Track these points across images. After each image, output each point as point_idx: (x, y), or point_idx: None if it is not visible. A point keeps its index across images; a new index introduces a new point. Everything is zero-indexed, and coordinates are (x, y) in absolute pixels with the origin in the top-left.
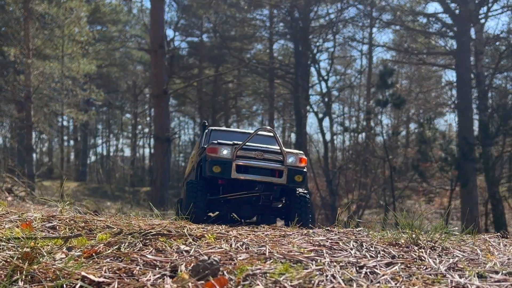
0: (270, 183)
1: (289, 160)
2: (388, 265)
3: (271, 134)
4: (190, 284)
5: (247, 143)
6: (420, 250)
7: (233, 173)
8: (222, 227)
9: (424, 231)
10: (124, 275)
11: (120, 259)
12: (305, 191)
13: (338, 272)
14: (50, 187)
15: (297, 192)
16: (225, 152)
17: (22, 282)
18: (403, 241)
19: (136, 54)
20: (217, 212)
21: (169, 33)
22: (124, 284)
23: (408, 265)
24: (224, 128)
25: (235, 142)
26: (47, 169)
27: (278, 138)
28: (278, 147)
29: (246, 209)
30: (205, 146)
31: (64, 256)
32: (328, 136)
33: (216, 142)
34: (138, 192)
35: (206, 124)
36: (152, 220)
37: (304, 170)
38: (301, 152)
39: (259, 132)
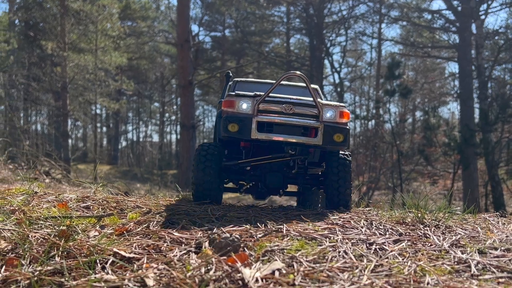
0: (302, 144)
1: (327, 114)
2: (395, 242)
3: (302, 82)
4: (213, 259)
5: (272, 95)
6: (425, 228)
7: (254, 133)
8: (243, 206)
9: (429, 210)
10: (153, 251)
11: (148, 237)
12: (347, 154)
13: (350, 248)
14: (84, 170)
15: (338, 155)
16: (244, 106)
17: (59, 258)
18: (409, 220)
19: (164, 47)
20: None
21: (194, 28)
22: (152, 259)
23: (414, 242)
24: (252, 79)
25: (257, 93)
26: (82, 154)
27: (311, 87)
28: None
29: (273, 178)
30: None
31: (97, 233)
32: None
33: (233, 93)
34: (165, 175)
35: (231, 75)
36: (177, 200)
37: (347, 127)
38: (343, 104)
39: (288, 82)
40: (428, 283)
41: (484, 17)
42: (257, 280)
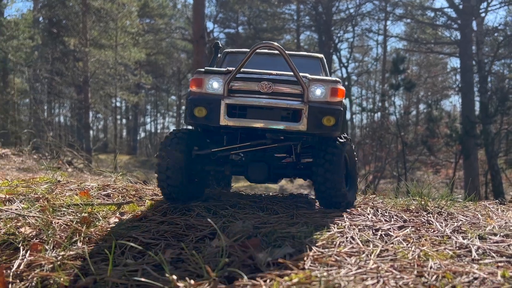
0: (283, 131)
1: (316, 92)
2: (400, 228)
3: (277, 51)
4: (227, 245)
5: (249, 70)
6: (428, 215)
7: (222, 118)
8: (255, 194)
9: (432, 198)
10: (169, 237)
11: (166, 223)
12: (345, 140)
13: (357, 234)
14: (105, 160)
15: (329, 141)
16: (216, 85)
17: (81, 243)
18: (413, 207)
19: (180, 43)
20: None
21: (209, 25)
22: (169, 244)
23: (418, 228)
24: (246, 49)
25: (230, 68)
26: (102, 144)
27: (289, 59)
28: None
29: (256, 170)
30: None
31: (117, 220)
32: (348, 115)
33: (203, 70)
34: None
35: (220, 45)
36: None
37: (339, 107)
38: (337, 79)
39: (262, 50)
40: (431, 267)
41: (484, 15)
42: (269, 264)
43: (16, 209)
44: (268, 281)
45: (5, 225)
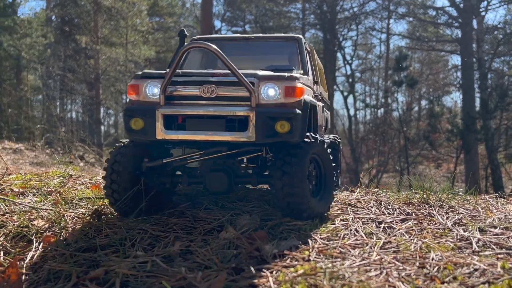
0: (227, 143)
1: (268, 93)
2: (403, 220)
3: (206, 50)
4: (234, 237)
5: (188, 71)
6: (430, 208)
7: (159, 131)
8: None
9: (433, 192)
10: (178, 229)
11: (175, 216)
12: (334, 138)
13: (361, 227)
14: None
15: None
16: (155, 91)
17: (92, 235)
18: (415, 200)
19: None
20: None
21: (217, 24)
22: (178, 237)
23: (420, 221)
24: (219, 35)
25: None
26: (113, 139)
27: (225, 57)
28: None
29: (214, 180)
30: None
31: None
32: (352, 111)
33: (140, 73)
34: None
35: (186, 34)
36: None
37: (295, 110)
38: (293, 75)
39: (236, 35)
40: (432, 259)
41: (484, 13)
42: (275, 256)
43: (29, 202)
44: (274, 272)
45: (18, 218)
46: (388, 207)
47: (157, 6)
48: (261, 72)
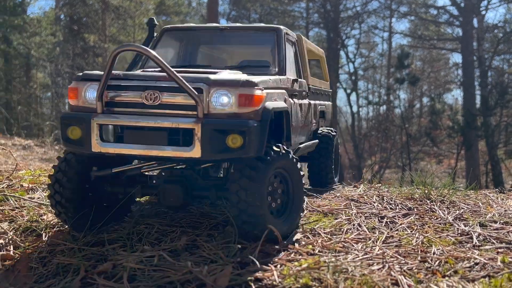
0: (168, 159)
1: (219, 101)
2: (405, 215)
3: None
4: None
5: (131, 74)
6: (431, 203)
7: (95, 143)
8: None
9: (435, 187)
10: (185, 224)
11: (181, 211)
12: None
13: (363, 221)
14: None
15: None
16: (96, 94)
17: (100, 230)
18: (417, 195)
19: None
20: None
21: (223, 22)
22: (184, 231)
23: (422, 216)
24: (192, 24)
25: (116, 73)
26: None
27: (161, 61)
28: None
29: (168, 193)
30: None
31: (136, 207)
32: (355, 108)
33: (80, 74)
34: None
35: (156, 23)
36: None
37: (250, 122)
38: (250, 80)
39: (212, 25)
40: (434, 253)
41: (484, 13)
42: (279, 251)
43: (38, 198)
44: (279, 266)
45: (28, 213)
46: (391, 202)
47: (163, 5)
48: (213, 76)
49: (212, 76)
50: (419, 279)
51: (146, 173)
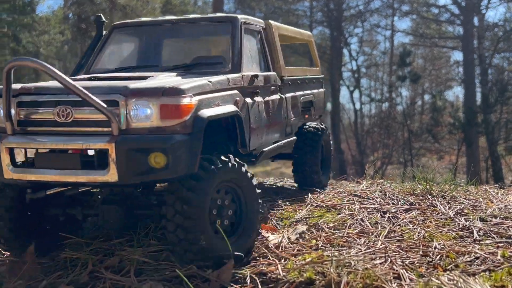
0: (82, 185)
1: (138, 114)
2: (406, 210)
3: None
4: None
5: (41, 86)
6: (433, 198)
7: (6, 169)
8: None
9: (436, 183)
10: None
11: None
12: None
13: (366, 216)
14: None
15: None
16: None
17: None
18: (419, 191)
19: None
20: None
21: None
22: None
23: (423, 211)
24: (145, 19)
25: (25, 86)
26: None
27: (56, 73)
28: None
29: (106, 215)
30: None
31: None
32: (357, 105)
33: None
34: None
35: (103, 20)
36: None
37: (174, 138)
38: (177, 87)
39: (161, 18)
40: (435, 247)
41: (485, 11)
42: (283, 245)
43: None
44: (283, 260)
45: None
46: (393, 197)
47: (170, 4)
48: (133, 85)
49: (131, 85)
50: (420, 273)
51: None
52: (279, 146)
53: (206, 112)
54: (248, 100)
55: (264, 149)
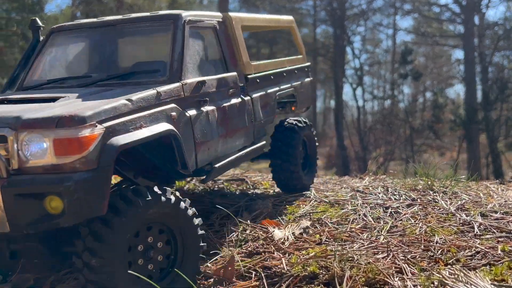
0: None
1: (33, 150)
2: (408, 206)
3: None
4: (248, 221)
5: None
6: (434, 194)
7: None
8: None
9: (437, 178)
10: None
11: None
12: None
13: (369, 211)
14: None
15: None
16: None
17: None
18: (420, 186)
19: None
20: None
21: None
22: None
23: (425, 206)
24: (87, 20)
25: None
26: None
27: None
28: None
29: (31, 253)
30: None
31: None
32: (360, 103)
33: None
34: None
35: (40, 25)
36: None
37: (73, 177)
38: (71, 114)
39: (99, 19)
40: (437, 242)
41: (485, 10)
42: (288, 239)
43: None
44: (287, 254)
45: None
46: (395, 193)
47: (176, 2)
48: (27, 115)
49: (26, 115)
50: (422, 267)
51: None
52: (241, 156)
53: (119, 140)
54: (191, 112)
55: (215, 166)
